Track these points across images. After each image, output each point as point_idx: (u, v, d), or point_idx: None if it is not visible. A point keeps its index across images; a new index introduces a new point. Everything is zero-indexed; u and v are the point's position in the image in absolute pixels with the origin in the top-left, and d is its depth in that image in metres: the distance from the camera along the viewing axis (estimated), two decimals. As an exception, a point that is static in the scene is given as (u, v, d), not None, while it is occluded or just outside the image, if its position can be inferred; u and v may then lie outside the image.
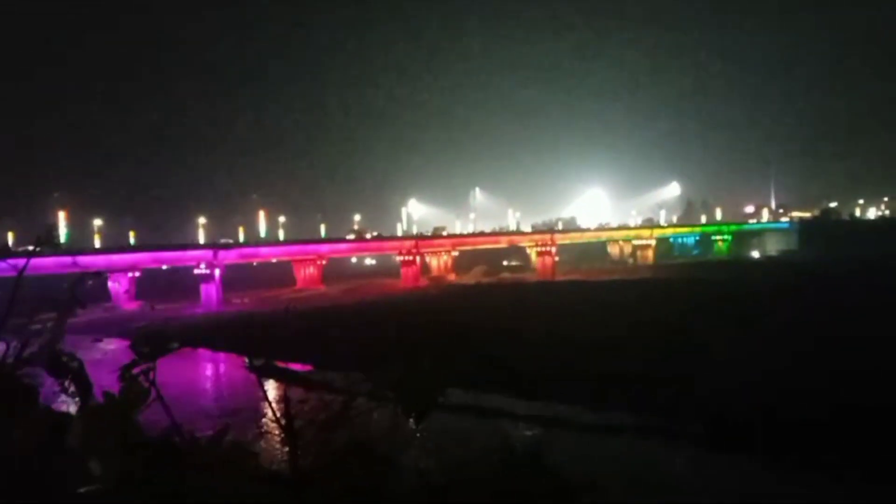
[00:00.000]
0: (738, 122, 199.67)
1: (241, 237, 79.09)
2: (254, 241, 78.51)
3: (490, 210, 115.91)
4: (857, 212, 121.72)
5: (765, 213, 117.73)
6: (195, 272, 65.25)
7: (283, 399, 2.09)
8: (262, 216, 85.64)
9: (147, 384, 1.77)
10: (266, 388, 2.38)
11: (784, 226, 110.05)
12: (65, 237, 62.73)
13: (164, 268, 71.05)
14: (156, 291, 64.54)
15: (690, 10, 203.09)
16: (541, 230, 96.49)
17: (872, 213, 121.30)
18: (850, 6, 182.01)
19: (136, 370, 1.79)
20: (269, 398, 2.40)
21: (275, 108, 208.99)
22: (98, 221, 71.70)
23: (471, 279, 79.54)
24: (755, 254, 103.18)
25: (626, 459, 17.14)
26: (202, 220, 78.13)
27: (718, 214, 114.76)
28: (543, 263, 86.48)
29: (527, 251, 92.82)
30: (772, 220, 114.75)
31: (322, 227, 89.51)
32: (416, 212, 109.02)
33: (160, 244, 69.94)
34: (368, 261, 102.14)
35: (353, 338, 31.74)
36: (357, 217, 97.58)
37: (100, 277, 53.09)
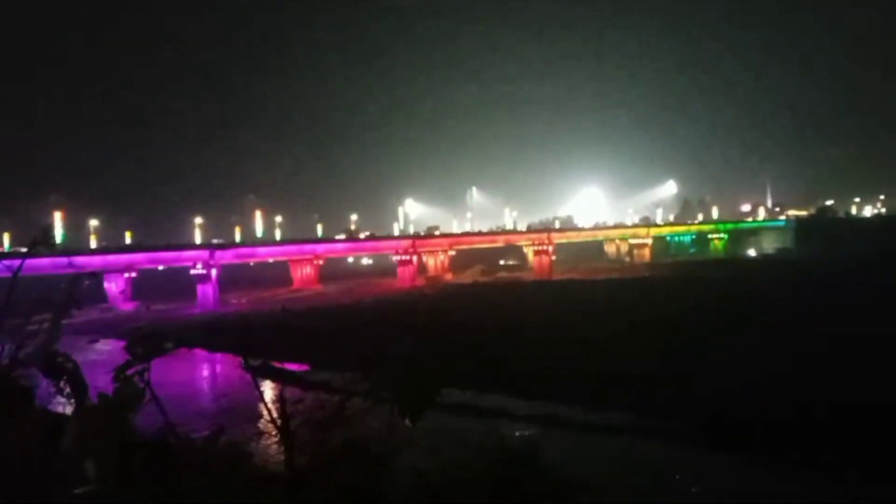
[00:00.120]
0: (735, 121, 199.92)
1: (238, 237, 78.98)
2: (250, 241, 78.35)
3: (487, 209, 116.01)
4: (854, 210, 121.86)
5: (761, 212, 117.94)
6: (191, 272, 65.08)
7: (279, 399, 2.10)
8: (259, 216, 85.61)
9: (142, 385, 1.78)
10: (262, 388, 2.38)
11: (780, 224, 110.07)
12: (61, 238, 62.60)
13: (161, 268, 70.87)
14: (152, 292, 64.27)
15: (687, 10, 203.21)
16: (538, 229, 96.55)
17: (869, 211, 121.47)
18: (848, 6, 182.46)
19: (131, 371, 1.79)
20: (266, 398, 2.40)
21: (271, 109, 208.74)
22: (94, 222, 71.60)
23: (468, 279, 79.50)
24: (752, 252, 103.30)
25: (625, 459, 17.12)
26: (199, 221, 78.06)
27: (715, 213, 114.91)
28: (540, 263, 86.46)
29: (524, 250, 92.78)
30: (768, 219, 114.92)
31: (319, 227, 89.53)
32: (413, 211, 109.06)
33: (156, 244, 69.72)
34: (365, 260, 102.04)
35: (350, 338, 31.76)
36: (354, 217, 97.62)
37: (96, 278, 52.83)
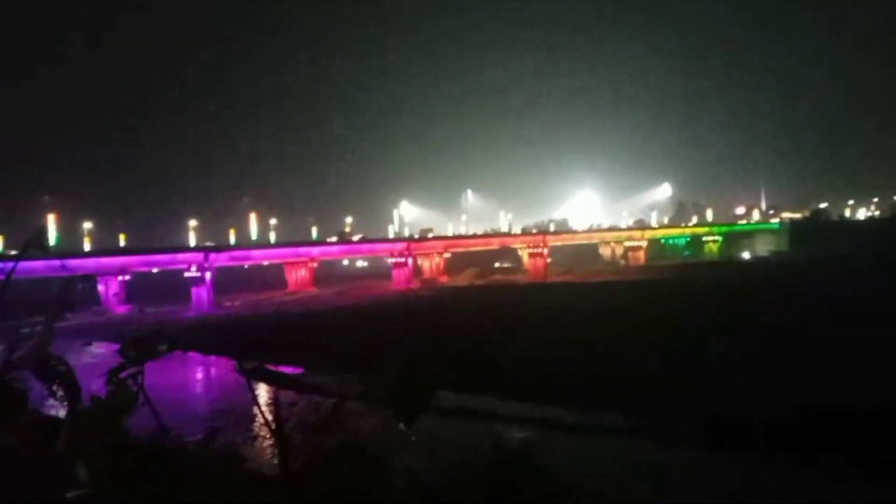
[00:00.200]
0: (729, 124, 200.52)
1: (233, 239, 78.70)
2: (245, 244, 78.05)
3: (482, 212, 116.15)
4: (848, 212, 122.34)
5: (755, 214, 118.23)
6: (186, 275, 64.95)
7: (274, 401, 2.09)
8: (254, 218, 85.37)
9: (136, 388, 1.77)
10: (257, 391, 2.38)
11: (774, 226, 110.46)
12: (55, 240, 62.33)
13: (155, 271, 70.64)
14: (146, 295, 64.18)
15: (683, 13, 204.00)
16: (532, 232, 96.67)
17: (862, 214, 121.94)
18: (843, 7, 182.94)
19: (124, 374, 1.78)
20: (260, 401, 2.39)
21: (267, 110, 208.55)
22: (88, 224, 71.25)
23: (463, 281, 79.57)
24: (746, 254, 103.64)
25: (625, 460, 17.12)
26: (193, 223, 77.79)
27: (709, 215, 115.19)
28: (535, 265, 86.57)
29: (519, 253, 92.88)
30: (762, 221, 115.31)
31: (314, 230, 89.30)
32: (409, 214, 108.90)
33: (150, 247, 69.58)
34: (360, 263, 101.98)
35: (344, 340, 31.74)
36: (349, 219, 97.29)
37: (89, 281, 52.83)
